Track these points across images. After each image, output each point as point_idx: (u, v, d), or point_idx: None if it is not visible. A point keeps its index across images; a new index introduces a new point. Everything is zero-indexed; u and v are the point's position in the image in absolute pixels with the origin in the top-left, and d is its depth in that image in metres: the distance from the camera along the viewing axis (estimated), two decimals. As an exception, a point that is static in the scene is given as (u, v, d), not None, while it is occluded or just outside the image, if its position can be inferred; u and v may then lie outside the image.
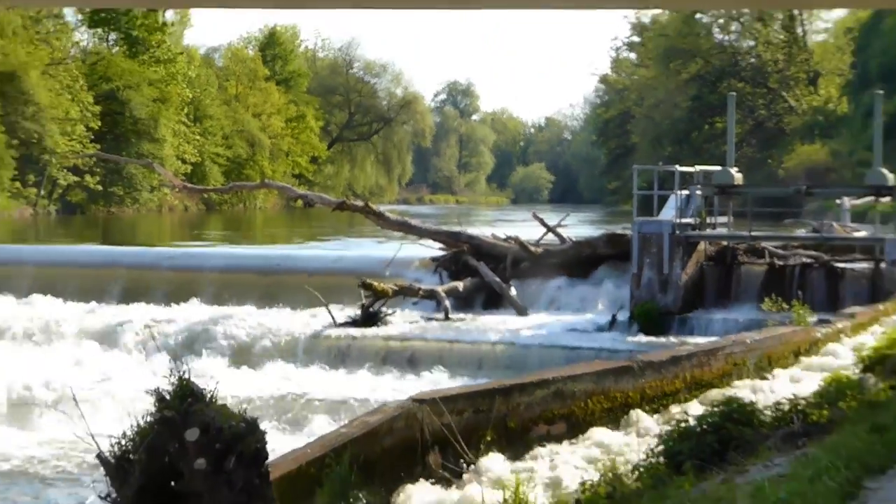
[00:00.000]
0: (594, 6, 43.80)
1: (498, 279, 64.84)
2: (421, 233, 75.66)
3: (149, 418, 20.96)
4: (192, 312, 53.71)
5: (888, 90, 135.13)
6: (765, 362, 43.31)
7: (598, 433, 35.59)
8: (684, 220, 64.22)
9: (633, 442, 31.45)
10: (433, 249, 69.89)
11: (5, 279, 59.08)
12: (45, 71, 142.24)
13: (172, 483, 20.65)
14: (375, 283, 61.09)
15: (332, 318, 56.28)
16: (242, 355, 49.33)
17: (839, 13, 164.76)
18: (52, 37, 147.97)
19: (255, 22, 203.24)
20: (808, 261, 61.29)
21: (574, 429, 36.38)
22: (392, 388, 41.01)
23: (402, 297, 60.90)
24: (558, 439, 35.53)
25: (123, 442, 20.13)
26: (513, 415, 35.76)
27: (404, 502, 29.84)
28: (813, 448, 21.35)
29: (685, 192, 67.50)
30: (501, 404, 36.17)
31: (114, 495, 20.90)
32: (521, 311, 62.44)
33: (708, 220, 65.82)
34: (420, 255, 68.68)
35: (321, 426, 34.62)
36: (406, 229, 78.48)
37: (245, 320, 53.19)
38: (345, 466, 29.28)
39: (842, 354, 42.46)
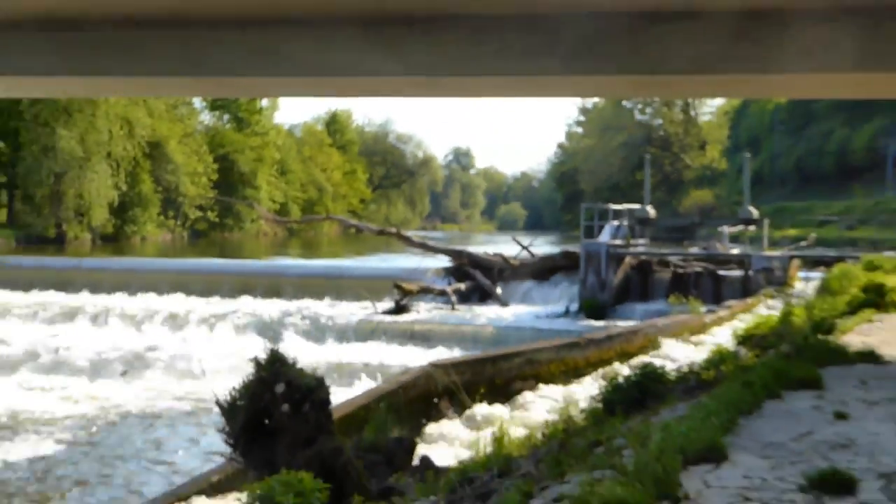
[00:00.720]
0: (549, 94, 43.68)
1: (488, 282, 65.30)
2: (435, 251, 76.88)
3: (250, 377, 21.05)
4: (279, 305, 53.77)
5: (753, 153, 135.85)
6: (668, 338, 43.53)
7: (557, 388, 35.87)
8: (615, 242, 65.23)
9: (580, 394, 31.49)
10: (443, 262, 70.35)
11: (153, 282, 59.29)
12: (180, 140, 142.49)
13: (266, 421, 20.71)
14: (404, 285, 61.52)
15: (375, 308, 56.46)
16: (313, 334, 49.34)
17: (719, 100, 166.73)
18: (185, 116, 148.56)
19: (322, 106, 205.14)
20: (700, 270, 61.70)
21: (540, 384, 36.64)
22: (415, 356, 41.04)
23: (422, 294, 61.13)
24: (529, 391, 35.84)
25: (233, 393, 20.31)
26: (498, 375, 36.09)
27: (432, 433, 30.00)
28: (704, 398, 21.35)
29: (616, 222, 69.52)
30: (490, 368, 36.50)
31: (226, 429, 21.01)
32: (503, 304, 62.76)
33: (631, 242, 66.53)
34: (434, 265, 69.02)
35: (366, 383, 34.72)
36: (424, 248, 79.71)
37: (314, 310, 53.28)
38: (383, 410, 29.36)
39: (722, 334, 42.59)
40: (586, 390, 31.25)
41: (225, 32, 33.51)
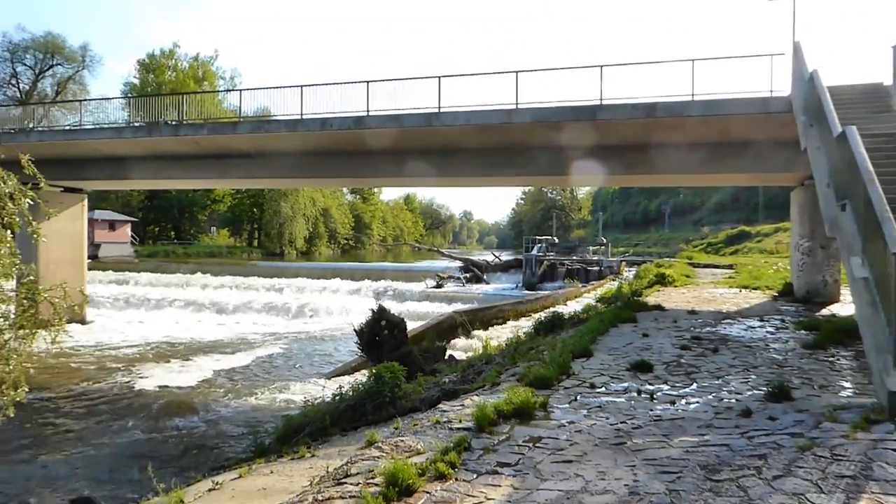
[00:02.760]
0: (501, 185, 43.67)
1: (479, 272, 64.75)
2: (455, 258, 76.88)
3: (370, 317, 20.67)
4: (382, 284, 53.14)
5: (602, 212, 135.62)
6: (564, 300, 42.99)
7: (513, 323, 35.42)
8: (539, 254, 64.62)
9: (524, 326, 31.01)
10: (458, 264, 69.94)
11: (323, 273, 58.97)
12: (336, 207, 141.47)
13: (376, 338, 20.34)
14: (442, 274, 61.22)
15: (426, 285, 55.96)
16: (397, 297, 48.86)
17: (588, 187, 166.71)
18: (339, 195, 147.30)
19: (402, 191, 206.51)
20: (578, 266, 60.91)
21: (505, 322, 36.15)
22: (445, 308, 40.54)
23: (449, 279, 60.68)
24: (500, 325, 35.37)
25: (363, 325, 19.94)
26: (484, 317, 35.70)
27: (454, 344, 29.58)
28: (581, 327, 21.12)
29: (539, 244, 68.74)
30: (481, 313, 36.18)
31: (358, 342, 20.66)
32: (487, 283, 62.09)
33: (546, 254, 65.95)
34: (455, 265, 68.53)
35: (422, 321, 34.29)
36: (450, 257, 79.84)
37: (398, 286, 52.81)
38: (432, 333, 29.04)
39: (589, 297, 41.94)
40: (527, 325, 30.86)
41: (366, 159, 33.49)
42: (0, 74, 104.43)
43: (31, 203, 10.24)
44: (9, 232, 10.12)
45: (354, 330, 22.12)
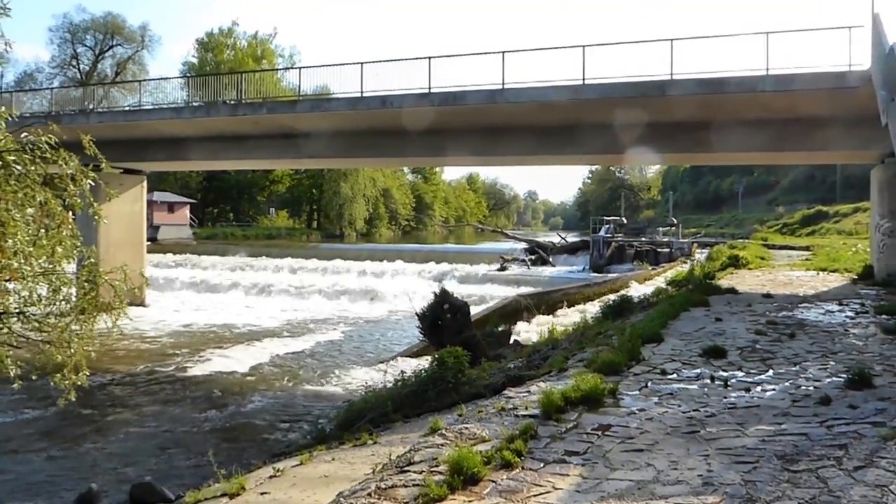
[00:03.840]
0: (562, 163, 43.52)
1: (545, 254, 64.55)
2: (520, 240, 76.80)
3: (432, 300, 20.73)
4: (444, 266, 53.27)
5: (672, 191, 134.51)
6: (633, 283, 42.82)
7: (579, 307, 35.31)
8: (606, 235, 64.42)
9: (591, 310, 30.87)
10: (523, 245, 69.82)
11: (385, 255, 59.23)
12: (397, 188, 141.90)
13: (439, 322, 20.39)
14: (506, 256, 61.17)
15: (490, 268, 55.95)
16: (461, 280, 48.98)
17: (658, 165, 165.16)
18: (400, 175, 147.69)
19: (465, 170, 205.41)
20: (648, 248, 60.56)
21: (571, 306, 36.09)
22: (510, 291, 40.53)
23: (513, 261, 60.57)
24: (565, 308, 35.33)
25: (424, 309, 20.02)
26: (548, 301, 35.66)
27: (518, 328, 29.62)
28: (651, 311, 21.00)
29: (607, 225, 68.42)
30: (546, 296, 36.20)
31: (420, 326, 20.74)
32: (553, 265, 61.89)
33: (614, 235, 65.57)
34: (519, 247, 68.48)
35: (486, 304, 34.33)
36: (515, 239, 79.75)
37: (461, 268, 52.92)
38: (495, 317, 29.05)
39: (659, 280, 41.65)
40: (594, 308, 30.74)
41: (414, 138, 33.56)
42: (61, 56, 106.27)
43: (92, 184, 10.35)
44: (70, 213, 10.27)
45: (416, 314, 22.15)
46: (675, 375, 12.44)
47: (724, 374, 12.48)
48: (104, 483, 14.83)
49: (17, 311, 10.12)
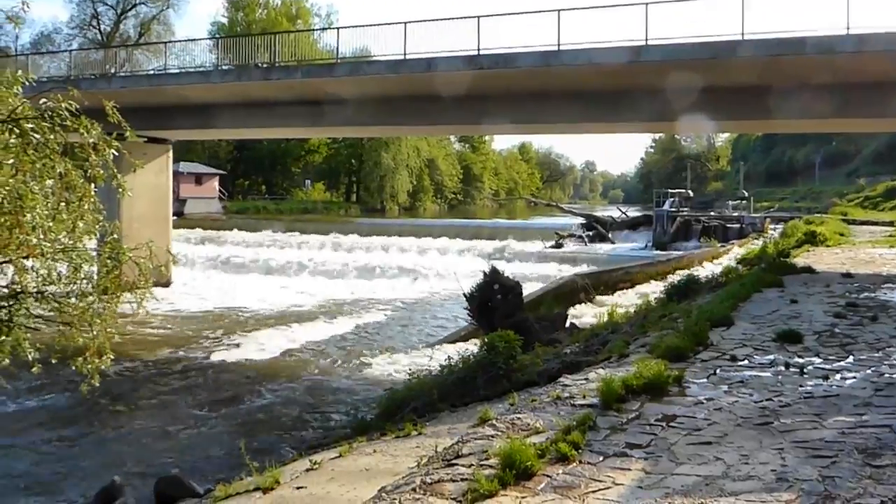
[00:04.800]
0: (609, 131, 43.30)
1: (604, 230, 64.43)
2: (576, 214, 76.80)
3: (481, 280, 20.82)
4: (494, 244, 53.29)
5: (743, 162, 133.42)
6: (700, 261, 42.58)
7: (641, 288, 35.13)
8: (671, 209, 63.91)
9: (654, 290, 30.70)
10: (580, 220, 69.59)
11: (430, 231, 59.24)
12: (443, 158, 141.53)
13: (489, 304, 20.46)
14: (561, 232, 61.40)
15: (544, 245, 55.93)
16: (513, 258, 48.85)
17: (727, 134, 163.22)
18: (446, 145, 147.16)
19: (516, 139, 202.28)
20: (716, 224, 60.20)
21: (633, 286, 35.94)
22: (567, 270, 40.49)
23: (570, 237, 60.54)
24: (626, 289, 35.19)
25: (473, 289, 20.08)
26: (608, 281, 35.57)
27: (575, 311, 29.58)
28: (719, 292, 20.92)
29: (672, 199, 67.90)
30: (605, 276, 36.13)
31: (468, 308, 20.82)
32: (612, 242, 61.76)
33: (680, 209, 65.15)
34: (576, 222, 68.23)
35: (539, 284, 34.27)
36: (571, 213, 79.65)
37: (512, 245, 52.90)
38: (550, 298, 29.11)
39: (728, 258, 41.39)
40: (657, 289, 30.60)
41: (451, 104, 33.49)
42: (80, 16, 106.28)
43: (115, 154, 10.36)
44: (91, 186, 10.31)
45: (464, 294, 22.17)
46: (746, 362, 12.38)
47: (800, 360, 12.40)
48: (128, 475, 14.91)
49: (35, 290, 10.21)
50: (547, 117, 32.98)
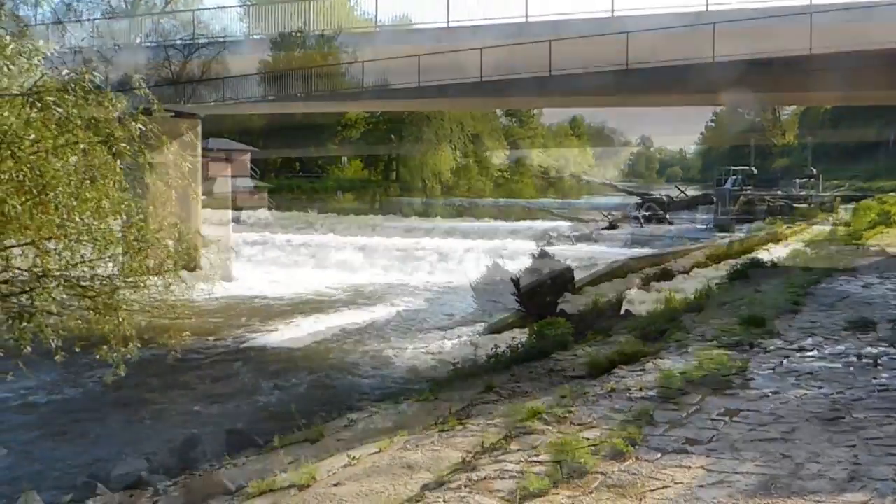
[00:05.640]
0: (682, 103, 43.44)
1: (661, 210, 64.26)
2: (631, 194, 76.99)
3: (530, 264, 20.89)
4: (542, 224, 53.40)
5: (814, 138, 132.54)
6: (766, 243, 42.34)
7: (701, 272, 34.90)
8: (734, 188, 63.55)
9: (716, 275, 30.49)
10: (635, 200, 69.58)
11: (476, 210, 59.24)
12: (489, 133, 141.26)
13: (538, 289, 20.50)
14: (615, 212, 62.06)
15: (597, 226, 56.02)
16: (564, 240, 48.86)
17: (794, 106, 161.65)
18: (491, 118, 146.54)
19: (569, 112, 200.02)
20: (782, 203, 59.93)
21: (691, 270, 35.76)
22: (620, 254, 40.37)
23: (624, 218, 60.44)
24: (684, 273, 35.01)
25: (521, 273, 20.10)
26: (665, 264, 35.40)
27: (630, 298, 29.39)
28: (786, 276, 20.81)
29: (734, 176, 67.43)
30: (661, 260, 35.87)
31: (516, 293, 20.86)
32: (670, 223, 61.53)
33: (743, 188, 64.76)
34: (630, 201, 68.33)
35: (592, 268, 34.16)
36: (626, 192, 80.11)
37: (562, 226, 52.92)
38: (602, 282, 29.19)
39: (796, 241, 41.11)
40: (718, 273, 30.46)
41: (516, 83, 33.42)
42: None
43: (142, 129, 10.38)
44: (117, 163, 10.33)
45: (511, 279, 22.18)
46: (814, 352, 12.31)
47: (873, 350, 12.32)
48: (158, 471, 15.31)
49: (58, 273, 10.25)
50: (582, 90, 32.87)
